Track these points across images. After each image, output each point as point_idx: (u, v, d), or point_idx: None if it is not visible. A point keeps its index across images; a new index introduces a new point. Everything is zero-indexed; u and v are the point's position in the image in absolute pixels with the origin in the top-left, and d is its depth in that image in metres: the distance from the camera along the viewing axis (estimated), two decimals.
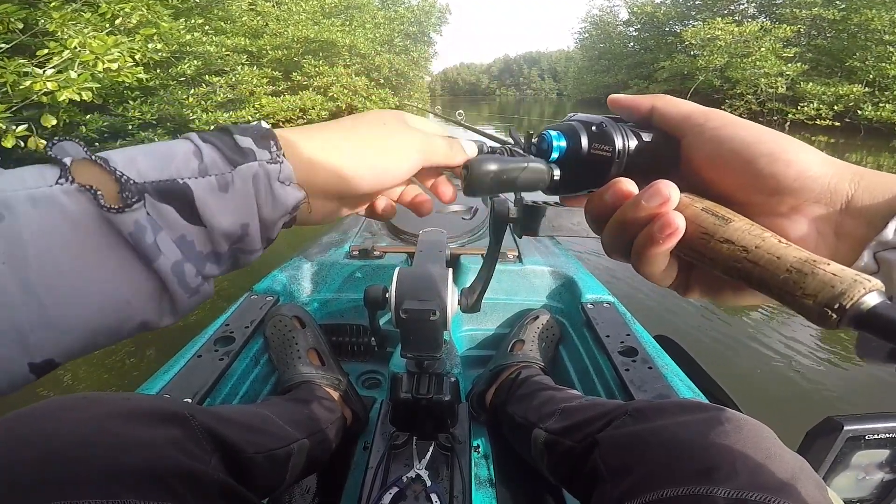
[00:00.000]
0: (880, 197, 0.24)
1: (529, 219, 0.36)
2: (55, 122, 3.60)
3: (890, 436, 0.55)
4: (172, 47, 6.02)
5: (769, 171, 0.25)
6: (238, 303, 1.05)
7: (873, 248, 0.23)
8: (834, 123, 11.28)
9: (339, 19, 12.97)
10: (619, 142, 0.28)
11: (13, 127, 3.23)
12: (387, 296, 0.66)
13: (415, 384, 0.73)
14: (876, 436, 0.54)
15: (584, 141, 0.30)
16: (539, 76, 78.86)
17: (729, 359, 2.01)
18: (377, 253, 1.22)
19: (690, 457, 0.41)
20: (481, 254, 1.18)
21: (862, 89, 10.85)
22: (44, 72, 3.36)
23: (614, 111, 0.32)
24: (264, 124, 0.29)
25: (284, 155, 0.27)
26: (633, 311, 1.06)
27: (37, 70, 3.34)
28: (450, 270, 0.67)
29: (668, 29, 19.44)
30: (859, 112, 10.68)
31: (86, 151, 0.23)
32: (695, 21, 17.09)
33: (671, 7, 19.23)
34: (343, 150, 0.30)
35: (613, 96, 0.32)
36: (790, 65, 12.24)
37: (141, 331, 0.25)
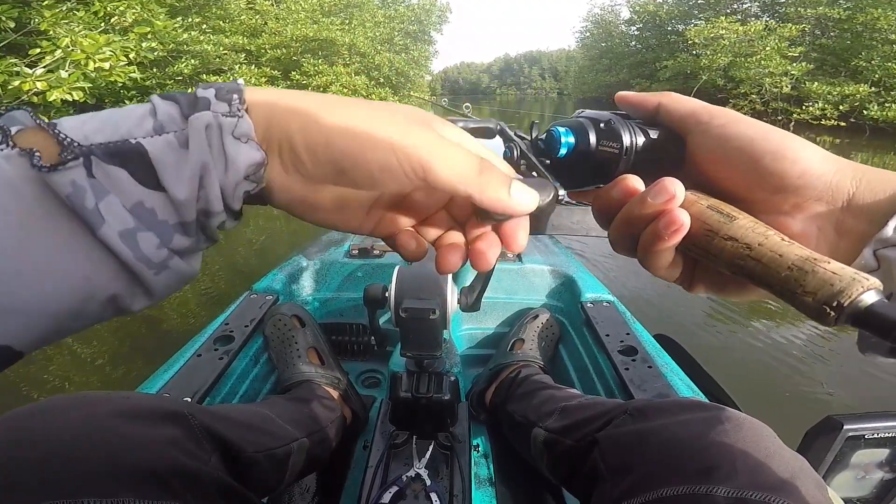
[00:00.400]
0: (881, 194, 0.24)
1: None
2: None
3: (890, 435, 0.55)
4: (169, 46, 5.99)
5: (773, 169, 0.25)
6: (238, 302, 1.05)
7: (873, 246, 0.23)
8: (839, 123, 11.24)
9: (339, 18, 12.94)
10: (627, 139, 0.29)
11: None
12: (386, 295, 0.66)
13: (414, 383, 0.73)
14: (875, 435, 0.54)
15: (593, 137, 0.30)
16: (540, 75, 78.88)
17: (729, 358, 2.01)
18: (377, 252, 1.22)
19: (690, 456, 0.41)
20: None
21: (868, 89, 10.81)
22: (33, 71, 3.33)
23: (621, 108, 0.32)
24: (241, 81, 0.25)
25: (248, 111, 0.23)
26: (633, 311, 1.06)
27: (26, 70, 3.31)
28: None
29: (671, 28, 19.39)
30: (865, 112, 10.65)
31: (35, 119, 0.21)
32: (697, 20, 17.02)
33: (673, 6, 19.18)
34: (315, 114, 0.23)
35: (621, 93, 0.32)
36: (795, 64, 12.18)
37: (114, 312, 0.24)
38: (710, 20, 14.66)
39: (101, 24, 4.20)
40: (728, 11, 16.06)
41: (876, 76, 10.96)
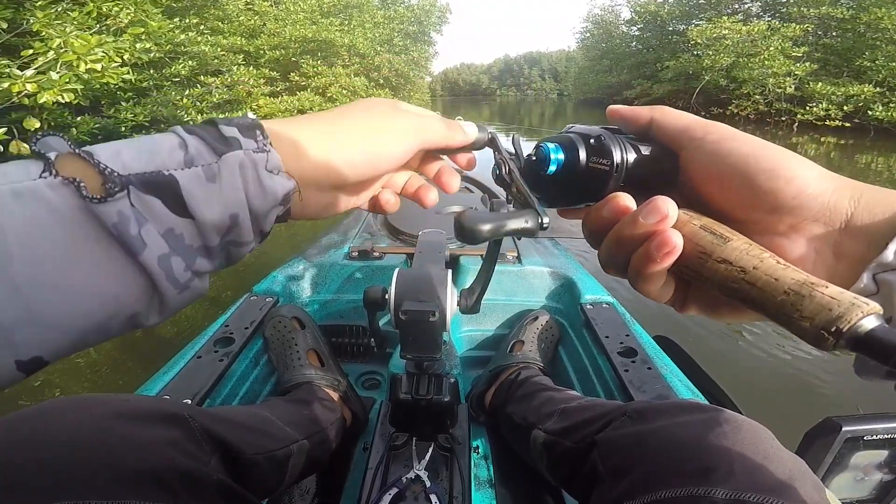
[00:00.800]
0: (880, 215, 0.23)
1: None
2: (38, 126, 3.51)
3: (888, 436, 0.55)
4: (166, 48, 5.94)
5: (768, 188, 0.25)
6: (238, 304, 1.05)
7: (873, 270, 0.23)
8: (843, 124, 11.08)
9: (338, 19, 12.93)
10: (618, 155, 0.28)
11: None
12: (386, 297, 0.66)
13: (414, 385, 0.73)
14: (874, 436, 0.55)
15: (583, 154, 0.29)
16: (540, 76, 78.86)
17: (728, 359, 2.01)
18: (377, 254, 1.22)
19: (689, 457, 0.41)
20: (481, 254, 1.18)
21: (872, 89, 10.65)
22: (23, 73, 3.28)
23: (613, 122, 0.31)
24: (251, 115, 0.28)
25: (272, 144, 0.27)
26: (633, 312, 1.06)
27: (16, 72, 3.26)
28: (449, 271, 0.68)
29: (672, 28, 19.28)
30: (869, 113, 10.50)
31: (70, 146, 0.22)
32: (699, 20, 16.92)
33: (675, 6, 19.06)
34: (332, 137, 0.29)
35: (612, 107, 0.31)
36: (799, 64, 12.05)
37: (130, 328, 0.25)
38: (713, 20, 14.54)
39: (96, 25, 4.15)
40: (729, 11, 15.96)
41: (880, 76, 10.80)
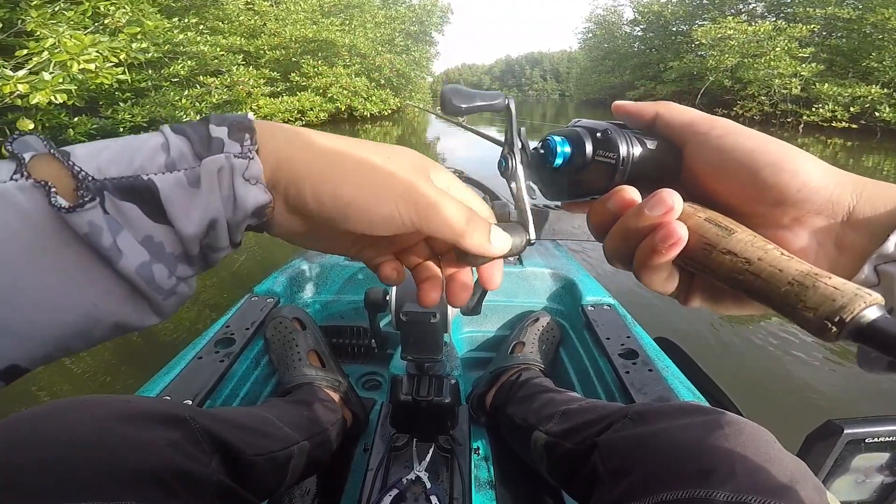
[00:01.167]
0: (882, 208, 0.24)
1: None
2: (32, 127, 3.47)
3: (890, 439, 0.55)
4: (165, 48, 5.90)
5: (773, 182, 0.25)
6: (238, 304, 1.05)
7: (874, 261, 0.23)
8: (850, 125, 11.00)
9: (339, 18, 12.93)
10: (624, 149, 0.28)
11: None
12: (387, 298, 0.66)
13: (415, 386, 0.73)
14: (876, 439, 0.54)
15: (589, 147, 0.29)
16: (541, 77, 78.88)
17: (730, 361, 2.01)
18: None
19: (689, 459, 0.41)
20: None
21: (879, 90, 10.59)
22: (15, 74, 3.24)
23: (618, 117, 0.31)
24: (250, 115, 0.26)
25: (259, 151, 0.24)
26: (634, 314, 1.06)
27: (8, 72, 3.22)
28: None
29: (676, 28, 19.18)
30: (876, 114, 10.45)
31: (46, 146, 0.21)
32: (702, 20, 16.80)
33: (678, 6, 18.97)
34: (319, 161, 0.25)
35: (618, 102, 0.31)
36: (805, 65, 11.95)
37: (118, 333, 0.24)
38: (717, 20, 14.45)
39: (92, 25, 4.10)
40: (733, 12, 15.85)
41: (887, 77, 10.75)
